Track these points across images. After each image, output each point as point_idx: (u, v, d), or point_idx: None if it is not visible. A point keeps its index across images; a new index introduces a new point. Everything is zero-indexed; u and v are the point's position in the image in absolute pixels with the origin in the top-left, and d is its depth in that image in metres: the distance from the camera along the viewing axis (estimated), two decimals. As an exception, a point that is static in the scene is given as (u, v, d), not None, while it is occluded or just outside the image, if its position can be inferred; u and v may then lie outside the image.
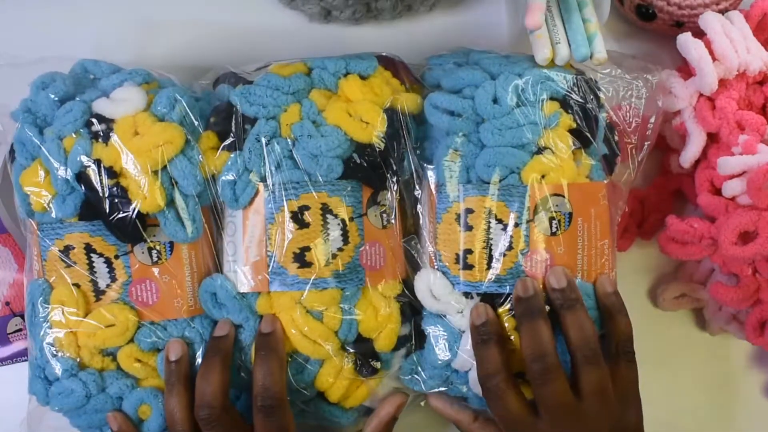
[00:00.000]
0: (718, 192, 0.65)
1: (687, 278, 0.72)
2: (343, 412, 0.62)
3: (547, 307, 0.58)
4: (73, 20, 0.69)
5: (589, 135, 0.60)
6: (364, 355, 0.61)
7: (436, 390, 0.63)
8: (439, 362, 0.61)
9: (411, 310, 0.63)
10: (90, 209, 0.58)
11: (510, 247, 0.59)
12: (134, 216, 0.58)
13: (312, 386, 0.61)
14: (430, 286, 0.61)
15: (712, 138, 0.67)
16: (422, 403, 0.65)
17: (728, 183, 0.64)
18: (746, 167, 0.63)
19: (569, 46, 0.61)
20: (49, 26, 0.69)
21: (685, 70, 0.68)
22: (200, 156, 0.59)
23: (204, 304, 0.61)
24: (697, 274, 0.71)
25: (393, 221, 0.63)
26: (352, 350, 0.60)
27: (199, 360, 0.60)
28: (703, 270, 0.70)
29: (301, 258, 0.59)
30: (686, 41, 0.65)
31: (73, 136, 0.58)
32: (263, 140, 0.59)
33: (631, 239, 0.72)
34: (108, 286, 0.59)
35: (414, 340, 0.63)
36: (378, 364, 0.61)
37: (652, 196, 0.71)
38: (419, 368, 0.62)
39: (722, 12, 0.67)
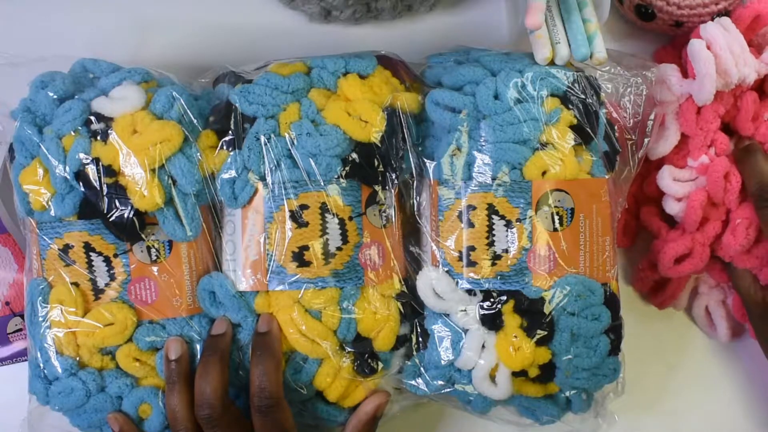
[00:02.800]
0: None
1: None
2: (341, 412, 0.62)
3: None
4: (73, 19, 0.69)
5: (590, 131, 0.60)
6: (362, 354, 0.61)
7: (441, 392, 0.63)
8: (443, 362, 0.61)
9: (411, 310, 0.63)
10: (89, 208, 0.58)
11: (513, 244, 0.60)
12: (133, 214, 0.58)
13: (310, 385, 0.61)
14: (432, 284, 0.61)
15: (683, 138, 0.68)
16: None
17: (668, 201, 0.68)
18: (679, 195, 0.66)
19: (569, 46, 0.61)
20: (49, 25, 0.69)
21: (671, 54, 0.69)
22: (199, 154, 0.60)
23: (202, 303, 0.61)
24: None
25: (392, 220, 0.63)
26: (350, 349, 0.60)
27: (198, 357, 0.60)
28: None
29: (300, 257, 0.59)
30: (699, 52, 0.64)
31: (72, 134, 0.58)
32: (262, 139, 0.59)
33: (633, 234, 0.72)
34: (107, 284, 0.59)
35: (416, 340, 0.63)
36: (377, 364, 0.61)
37: (642, 187, 0.71)
38: (422, 369, 0.62)
39: (721, 12, 0.67)
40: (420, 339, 0.63)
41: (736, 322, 0.72)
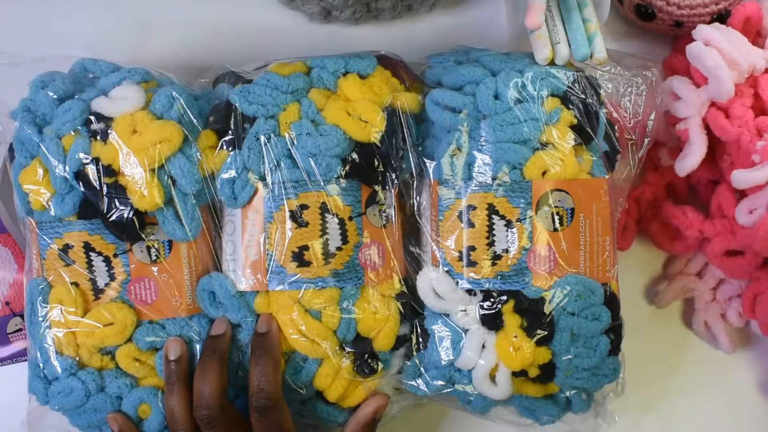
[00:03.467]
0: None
1: (679, 269, 0.73)
2: (341, 412, 0.62)
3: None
4: (73, 19, 0.70)
5: (590, 131, 0.60)
6: (362, 354, 0.61)
7: (441, 392, 0.63)
8: (443, 362, 0.61)
9: (411, 310, 0.63)
10: (89, 207, 0.58)
11: (513, 244, 0.60)
12: (132, 214, 0.58)
13: (310, 386, 0.61)
14: (432, 284, 0.61)
15: (723, 149, 0.67)
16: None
17: (740, 211, 0.65)
18: (760, 182, 0.63)
19: (569, 46, 0.62)
20: (49, 25, 0.69)
21: (676, 65, 0.69)
22: (199, 154, 0.60)
23: (201, 303, 0.61)
24: (692, 264, 0.73)
25: (392, 220, 0.63)
26: (350, 349, 0.60)
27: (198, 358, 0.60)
28: (696, 261, 0.72)
29: (300, 257, 0.59)
30: (699, 50, 0.63)
31: (72, 134, 0.58)
32: (262, 139, 0.59)
33: (632, 238, 0.72)
34: (107, 284, 0.59)
35: (416, 340, 0.63)
36: (377, 364, 0.61)
37: (647, 193, 0.71)
38: (422, 369, 0.62)
39: (721, 12, 0.67)
40: (420, 339, 0.63)
41: (738, 332, 0.73)
